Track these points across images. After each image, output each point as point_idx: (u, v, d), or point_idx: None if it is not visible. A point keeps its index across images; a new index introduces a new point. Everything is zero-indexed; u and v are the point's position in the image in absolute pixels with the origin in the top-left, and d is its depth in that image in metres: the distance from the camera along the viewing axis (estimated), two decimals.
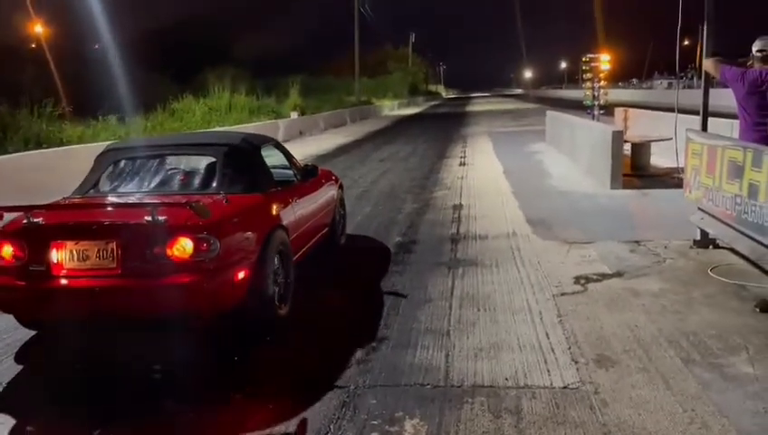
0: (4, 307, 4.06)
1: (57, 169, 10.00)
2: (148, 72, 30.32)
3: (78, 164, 10.06)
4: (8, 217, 3.94)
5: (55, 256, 3.76)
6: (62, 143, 12.54)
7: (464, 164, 13.41)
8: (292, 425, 3.10)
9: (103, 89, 23.32)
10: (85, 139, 13.54)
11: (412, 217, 7.99)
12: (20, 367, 3.98)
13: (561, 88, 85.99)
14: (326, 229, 6.06)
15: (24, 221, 3.86)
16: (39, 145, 12.04)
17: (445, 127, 26.83)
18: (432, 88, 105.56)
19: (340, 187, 6.78)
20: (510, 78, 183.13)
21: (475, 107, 50.51)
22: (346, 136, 23.55)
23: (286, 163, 5.63)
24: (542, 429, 2.93)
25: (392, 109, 50.59)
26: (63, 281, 3.76)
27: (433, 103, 70.63)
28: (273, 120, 23.21)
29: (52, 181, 9.60)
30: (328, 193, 6.16)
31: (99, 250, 3.72)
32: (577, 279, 5.09)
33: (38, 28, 30.90)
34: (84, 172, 4.88)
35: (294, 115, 26.37)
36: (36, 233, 3.83)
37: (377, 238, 6.92)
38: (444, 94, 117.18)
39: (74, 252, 3.74)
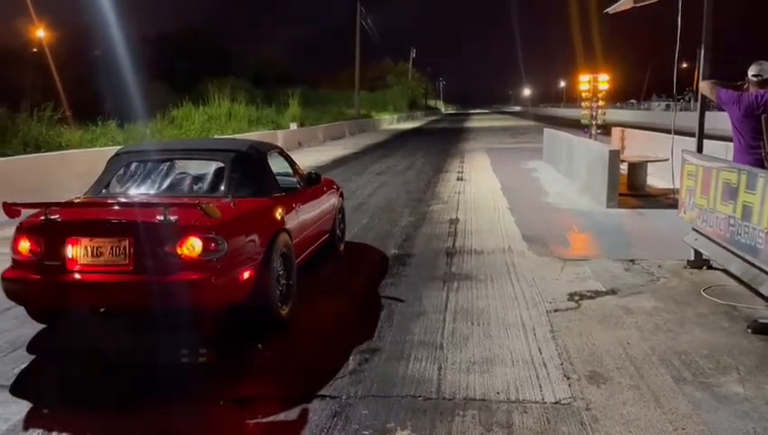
0: (19, 299, 4.18)
1: (54, 172, 10.04)
2: (149, 80, 30.41)
3: (75, 168, 10.16)
4: (25, 213, 4.07)
5: (70, 251, 3.89)
6: (60, 147, 12.56)
7: (461, 179, 13.46)
8: (283, 431, 3.11)
9: (104, 95, 23.40)
10: (84, 144, 13.58)
11: (408, 231, 8.02)
12: (32, 356, 4.11)
13: (559, 106, 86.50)
14: (326, 236, 6.20)
15: (42, 218, 3.98)
16: (38, 149, 12.07)
17: (443, 142, 26.94)
18: (431, 103, 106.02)
19: (341, 195, 6.90)
20: (509, 95, 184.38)
21: (473, 123, 50.75)
22: (344, 148, 23.64)
23: (290, 171, 5.75)
24: None
25: (391, 123, 50.83)
26: (77, 276, 3.89)
27: (432, 118, 70.96)
28: (273, 131, 23.28)
29: (50, 183, 9.64)
30: (329, 201, 6.29)
31: (112, 247, 3.85)
32: (571, 296, 5.11)
33: (40, 32, 31.02)
34: (81, 176, 4.96)
35: (294, 126, 26.46)
36: (53, 229, 3.96)
37: (373, 250, 6.94)
38: (443, 110, 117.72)
39: (89, 248, 3.88)
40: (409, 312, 4.82)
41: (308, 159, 18.56)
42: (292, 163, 5.88)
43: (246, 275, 4.10)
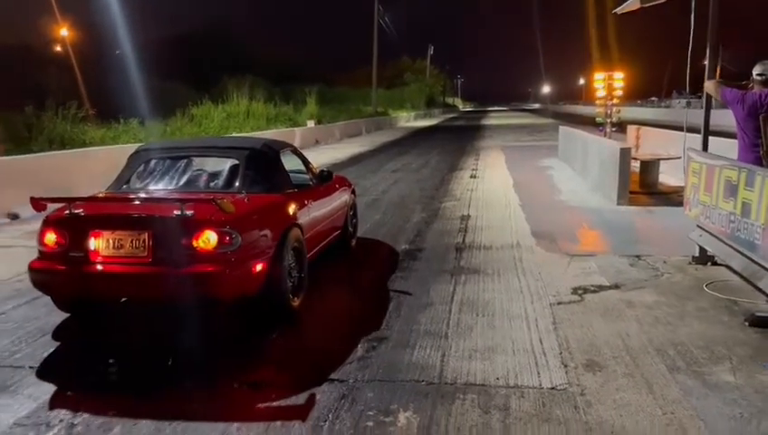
0: (45, 288, 4.44)
1: (78, 168, 10.36)
2: (169, 79, 30.92)
3: (97, 165, 10.47)
4: (51, 207, 4.35)
5: (93, 243, 4.13)
6: (84, 145, 12.93)
7: (475, 177, 13.59)
8: (294, 412, 3.30)
9: (124, 93, 23.83)
10: (106, 141, 13.93)
11: (420, 226, 8.19)
12: (57, 343, 4.36)
13: (578, 104, 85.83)
14: (338, 232, 6.38)
15: (66, 212, 4.23)
16: (63, 146, 12.44)
17: (459, 140, 27.04)
18: (449, 100, 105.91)
19: (353, 192, 7.08)
20: (528, 92, 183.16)
21: (491, 121, 50.67)
22: (361, 146, 23.85)
23: (303, 168, 5.94)
24: (527, 425, 3.11)
25: (408, 120, 50.94)
26: (100, 267, 4.13)
27: (449, 116, 70.93)
28: (290, 128, 23.57)
29: (74, 179, 9.95)
30: (341, 198, 6.48)
31: (132, 240, 4.08)
32: (575, 290, 5.26)
33: (63, 32, 31.63)
34: (103, 172, 5.21)
35: (311, 124, 26.73)
36: (77, 223, 4.21)
37: (384, 245, 7.13)
38: (461, 107, 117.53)
39: (110, 241, 4.11)
40: (417, 303, 5.00)
41: (325, 156, 18.79)
42: (305, 161, 6.08)
43: (259, 267, 4.30)
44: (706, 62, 6.00)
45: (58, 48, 31.63)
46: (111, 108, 19.02)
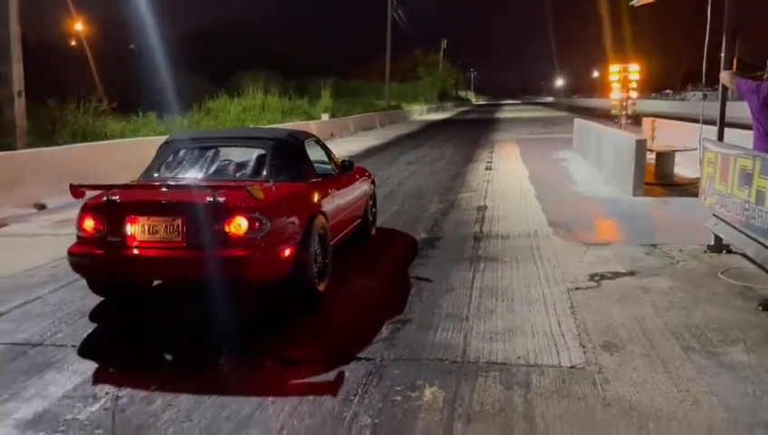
0: (84, 271, 4.66)
1: (102, 160, 10.61)
2: (184, 73, 31.24)
3: (120, 156, 10.73)
4: (89, 194, 4.55)
5: (129, 229, 4.33)
6: (105, 137, 13.20)
7: (490, 168, 13.71)
8: (325, 387, 3.48)
9: (141, 87, 24.15)
10: (127, 134, 14.21)
11: (437, 217, 8.34)
12: (95, 324, 4.58)
13: (592, 97, 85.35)
14: (359, 220, 6.55)
15: (104, 199, 4.44)
16: (84, 138, 12.71)
17: (473, 132, 27.10)
18: (462, 94, 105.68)
19: (373, 182, 7.26)
20: (541, 86, 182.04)
21: (504, 114, 50.60)
22: (375, 139, 23.99)
23: (326, 158, 6.10)
24: (548, 400, 3.26)
25: (421, 113, 50.98)
26: (136, 251, 4.33)
27: (462, 109, 70.83)
28: (305, 121, 23.76)
29: (98, 171, 10.20)
30: (362, 187, 6.66)
31: (167, 225, 4.27)
32: (592, 276, 5.39)
33: (78, 26, 31.96)
34: (125, 163, 5.42)
35: (326, 117, 26.91)
36: (114, 209, 4.41)
37: (403, 235, 7.29)
38: (473, 100, 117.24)
39: (146, 226, 4.31)
40: (437, 289, 5.16)
41: (340, 149, 18.91)
42: (327, 151, 6.26)
43: (287, 252, 4.48)
44: (722, 54, 6.09)
45: (73, 43, 32.01)
46: (130, 101, 19.35)
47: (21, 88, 10.85)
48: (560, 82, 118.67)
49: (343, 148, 19.54)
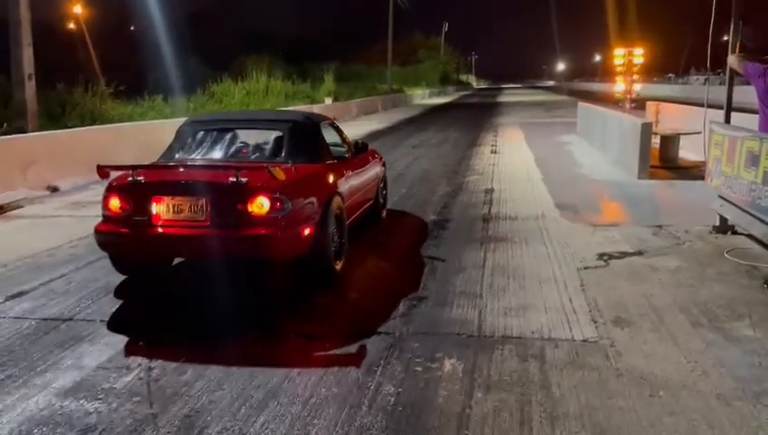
0: (110, 249, 4.79)
1: (112, 143, 10.71)
2: (187, 56, 31.16)
3: (129, 139, 10.84)
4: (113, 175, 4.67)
5: (155, 208, 4.45)
6: (113, 120, 13.28)
7: (495, 152, 13.80)
8: (348, 359, 3.63)
9: (145, 70, 24.17)
10: (134, 117, 14.28)
11: (445, 199, 8.47)
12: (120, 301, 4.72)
13: (594, 81, 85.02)
14: (371, 202, 6.68)
15: (129, 179, 4.53)
16: (93, 121, 12.79)
17: (476, 116, 27.15)
18: (463, 78, 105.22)
19: (383, 165, 7.38)
20: (542, 70, 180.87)
21: (506, 98, 50.52)
22: (378, 123, 24.05)
23: (339, 141, 6.20)
24: (563, 371, 3.41)
25: (423, 98, 50.92)
26: (161, 230, 4.45)
27: (464, 93, 70.68)
28: (308, 105, 23.77)
29: (109, 154, 10.32)
30: (374, 169, 6.81)
31: (191, 205, 4.39)
32: (600, 256, 5.53)
33: (77, 9, 31.74)
34: (135, 146, 5.52)
35: (329, 101, 26.92)
36: (139, 189, 4.52)
37: (413, 216, 7.42)
38: (475, 84, 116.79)
39: (170, 205, 4.43)
40: (450, 268, 5.30)
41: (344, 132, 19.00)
42: (341, 133, 6.38)
43: (307, 231, 4.61)
44: (729, 38, 6.17)
45: (71, 25, 31.83)
46: (133, 85, 19.38)
47: (31, 71, 10.92)
48: (561, 67, 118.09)
49: (347, 132, 19.36)
